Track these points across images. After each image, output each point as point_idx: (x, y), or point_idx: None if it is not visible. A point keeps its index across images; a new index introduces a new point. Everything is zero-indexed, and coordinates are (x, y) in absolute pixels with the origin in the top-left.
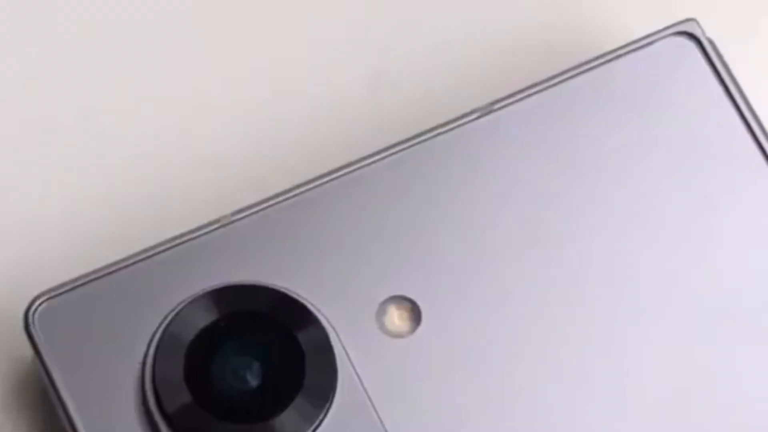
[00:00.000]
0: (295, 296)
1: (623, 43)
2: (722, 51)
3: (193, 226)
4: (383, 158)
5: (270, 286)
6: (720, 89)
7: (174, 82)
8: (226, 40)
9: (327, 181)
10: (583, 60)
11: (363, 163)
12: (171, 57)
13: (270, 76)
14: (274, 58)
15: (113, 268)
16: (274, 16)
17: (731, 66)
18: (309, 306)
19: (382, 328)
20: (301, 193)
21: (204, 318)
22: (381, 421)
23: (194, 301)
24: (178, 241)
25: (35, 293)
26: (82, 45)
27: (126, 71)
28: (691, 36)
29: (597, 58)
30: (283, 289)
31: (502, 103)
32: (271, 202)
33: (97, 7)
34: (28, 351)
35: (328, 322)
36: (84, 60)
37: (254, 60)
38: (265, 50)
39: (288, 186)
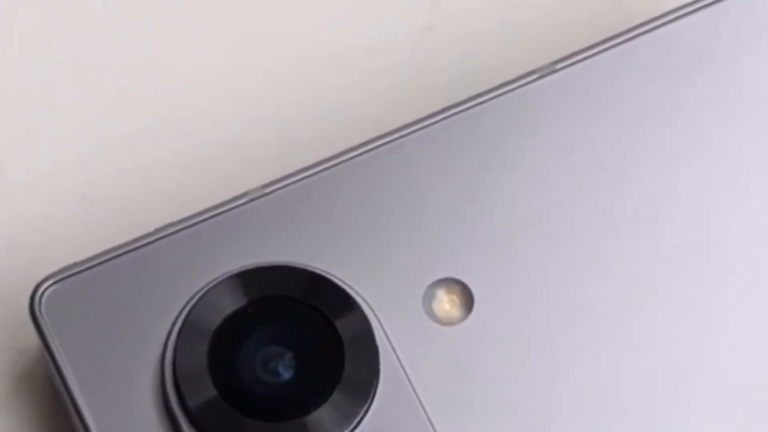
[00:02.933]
0: (332, 279)
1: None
2: None
3: (219, 200)
4: (432, 124)
5: (305, 268)
6: None
7: (210, 42)
8: None
9: (369, 150)
10: (649, 17)
11: (409, 130)
12: (208, 17)
13: (311, 34)
14: (314, 14)
15: (129, 248)
16: None
17: None
18: (348, 290)
19: (430, 314)
20: (341, 163)
21: (231, 303)
22: (428, 418)
23: (220, 285)
24: (201, 217)
25: (42, 275)
26: None
27: (148, 28)
28: None
29: (665, 15)
30: (319, 271)
31: (565, 63)
32: (306, 174)
33: None
34: (32, 341)
35: (370, 307)
36: (103, 21)
37: (295, 17)
38: (305, 6)
39: (325, 155)
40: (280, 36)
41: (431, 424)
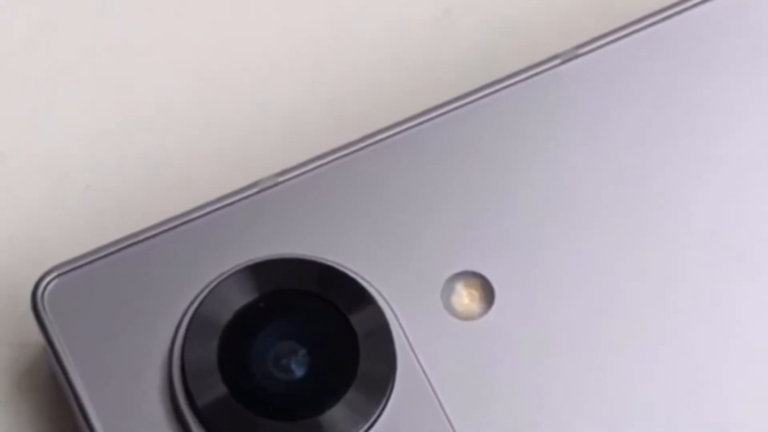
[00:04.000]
0: (347, 272)
1: None
2: None
3: (229, 190)
4: (451, 111)
5: (318, 260)
6: None
7: (219, 26)
8: None
9: (385, 138)
10: (675, 1)
11: (427, 117)
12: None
13: (325, 19)
14: None
15: (135, 239)
16: None
17: None
18: (364, 283)
19: (449, 308)
20: (356, 151)
21: (241, 297)
22: (447, 417)
23: (230, 278)
24: (211, 208)
25: (44, 268)
26: None
27: (154, 13)
28: None
29: None
30: (333, 264)
31: (589, 47)
32: (320, 162)
33: None
34: (34, 336)
35: (386, 302)
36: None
37: (309, 0)
38: None
39: (340, 143)
40: (293, 20)
41: (450, 423)
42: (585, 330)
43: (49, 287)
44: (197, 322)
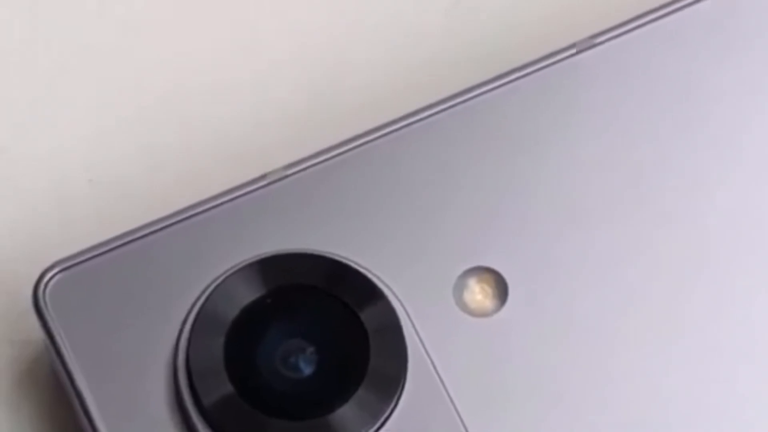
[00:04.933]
0: (357, 267)
1: None
2: None
3: (236, 183)
4: (463, 102)
5: (327, 255)
6: None
7: (228, 16)
8: None
9: (396, 130)
10: None
11: (439, 108)
12: None
13: (336, 8)
14: None
15: (139, 234)
16: None
17: None
18: (374, 279)
19: (461, 305)
20: (366, 143)
21: (248, 293)
22: (459, 416)
23: (237, 273)
24: (217, 201)
25: (46, 263)
26: None
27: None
28: None
29: None
30: (343, 259)
31: (605, 37)
32: (330, 155)
33: None
34: (36, 333)
35: (397, 298)
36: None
37: None
38: None
39: (350, 135)
40: (302, 10)
41: (462, 422)
42: (601, 326)
43: (51, 283)
44: (203, 319)
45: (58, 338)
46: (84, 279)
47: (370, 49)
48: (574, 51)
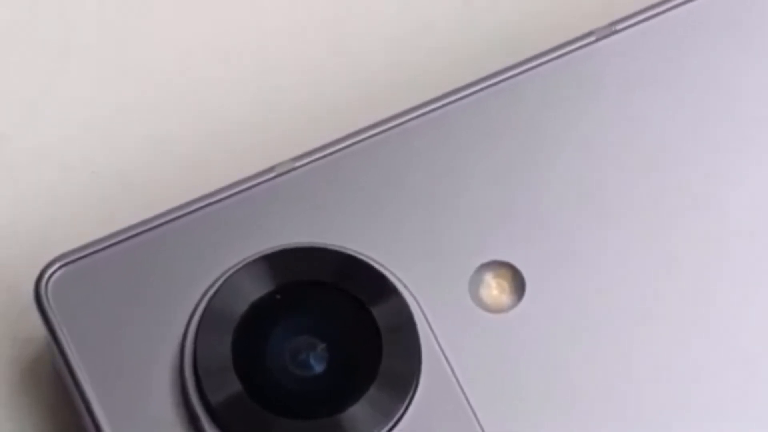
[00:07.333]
0: (369, 262)
1: None
2: None
3: (244, 175)
4: (478, 91)
5: (338, 249)
6: None
7: (234, 4)
8: None
9: (408, 120)
10: None
11: (453, 98)
12: None
13: None
14: None
15: (144, 228)
16: None
17: None
18: (387, 274)
19: (477, 300)
20: (378, 134)
21: (257, 289)
22: (475, 415)
23: (245, 268)
24: (224, 194)
25: (48, 258)
26: None
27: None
28: None
29: None
30: (354, 253)
31: (625, 24)
32: (340, 146)
33: None
34: (38, 330)
35: (411, 293)
36: None
37: None
38: None
39: (361, 126)
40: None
41: (478, 421)
42: (619, 323)
43: (53, 278)
44: (210, 316)
45: (60, 335)
46: (87, 274)
47: (385, 37)
48: (593, 39)
